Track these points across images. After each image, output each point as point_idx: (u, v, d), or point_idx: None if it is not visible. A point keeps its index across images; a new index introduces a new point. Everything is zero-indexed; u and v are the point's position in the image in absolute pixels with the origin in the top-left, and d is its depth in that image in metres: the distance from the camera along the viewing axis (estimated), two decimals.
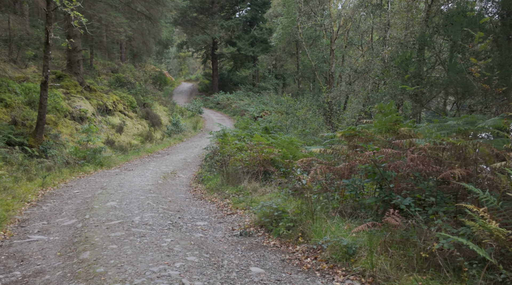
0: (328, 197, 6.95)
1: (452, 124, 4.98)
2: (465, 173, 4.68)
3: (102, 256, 5.22)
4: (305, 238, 5.99)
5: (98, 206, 8.10)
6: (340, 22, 27.22)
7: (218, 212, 8.49)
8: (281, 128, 16.73)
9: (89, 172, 13.26)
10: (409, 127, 6.44)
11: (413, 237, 4.74)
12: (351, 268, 4.92)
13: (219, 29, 45.28)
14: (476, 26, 6.81)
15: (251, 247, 6.01)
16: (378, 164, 5.58)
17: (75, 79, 21.97)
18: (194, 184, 12.56)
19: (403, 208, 4.99)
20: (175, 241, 5.92)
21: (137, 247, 5.57)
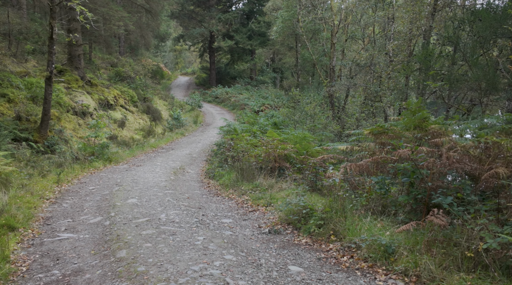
0: (356, 194, 6.95)
1: (493, 122, 4.98)
2: (509, 172, 4.68)
3: (140, 255, 5.19)
4: (338, 236, 5.99)
5: (120, 204, 8.05)
6: (341, 15, 27.17)
7: (239, 209, 8.47)
8: (288, 123, 16.70)
9: (98, 168, 13.18)
10: (439, 125, 6.43)
11: (456, 236, 4.75)
12: (392, 267, 4.91)
13: (216, 22, 45.04)
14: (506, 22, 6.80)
15: (283, 245, 6.00)
16: (418, 163, 5.57)
17: (76, 74, 21.82)
18: (206, 180, 12.52)
19: (445, 207, 4.98)
20: (208, 239, 5.90)
21: (172, 246, 5.54)
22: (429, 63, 8.35)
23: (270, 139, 11.18)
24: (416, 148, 5.49)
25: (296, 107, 17.83)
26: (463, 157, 5.22)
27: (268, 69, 42.81)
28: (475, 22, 7.60)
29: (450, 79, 7.90)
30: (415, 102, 6.66)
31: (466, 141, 5.10)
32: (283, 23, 31.08)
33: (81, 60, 22.39)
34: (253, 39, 43.83)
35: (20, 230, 6.37)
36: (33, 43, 24.09)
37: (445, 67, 8.45)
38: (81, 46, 22.70)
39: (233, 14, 45.27)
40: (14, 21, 23.55)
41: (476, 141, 5.04)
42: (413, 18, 16.59)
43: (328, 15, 27.90)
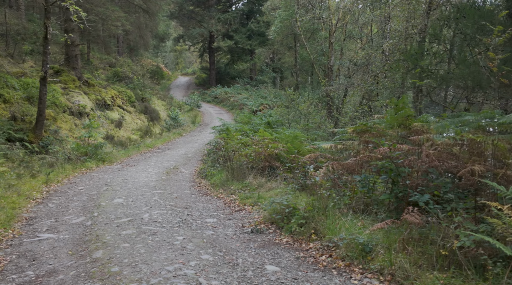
0: (339, 193, 6.90)
1: (471, 119, 4.92)
2: (485, 169, 4.62)
3: (115, 255, 5.15)
4: (318, 235, 5.94)
5: (105, 203, 8.02)
6: (339, 14, 27.08)
7: (226, 209, 8.43)
8: (283, 123, 16.65)
9: (91, 168, 13.17)
10: (422, 122, 6.38)
11: (432, 234, 4.70)
12: (368, 266, 4.87)
13: (215, 22, 44.99)
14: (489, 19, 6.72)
15: (263, 245, 5.96)
16: (395, 161, 5.52)
17: (73, 74, 21.81)
18: (198, 179, 12.49)
19: (421, 205, 4.94)
20: (187, 239, 5.86)
21: (149, 246, 5.51)
22: (416, 61, 8.29)
23: (260, 138, 11.13)
24: (394, 146, 5.44)
25: (290, 106, 17.79)
26: (442, 154, 5.16)
27: (267, 69, 42.74)
28: (460, 19, 7.55)
29: (437, 77, 7.84)
30: (400, 99, 6.61)
31: (442, 138, 5.04)
32: (282, 23, 31.03)
33: (78, 61, 22.37)
34: (252, 39, 43.77)
35: (0, 231, 6.35)
36: (31, 44, 24.09)
37: (433, 65, 8.39)
38: (78, 47, 22.67)
39: (232, 14, 45.22)
40: (12, 21, 23.58)
41: (451, 139, 4.98)
42: (409, 16, 16.52)
43: (326, 14, 27.83)
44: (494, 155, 4.81)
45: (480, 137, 4.57)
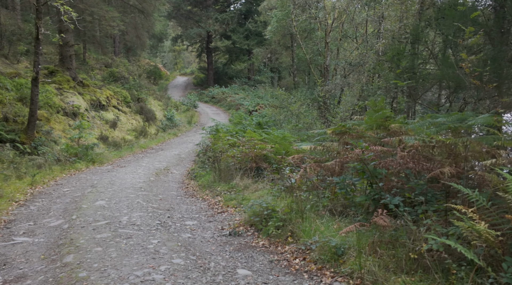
0: (319, 195, 6.85)
1: (442, 121, 4.87)
2: (455, 171, 4.57)
3: (86, 260, 5.11)
4: (295, 238, 5.90)
5: (86, 206, 7.97)
6: (335, 14, 27.01)
7: (209, 211, 8.39)
8: (275, 123, 16.59)
9: (80, 169, 13.13)
10: (400, 124, 6.33)
11: (402, 237, 4.65)
12: (340, 269, 4.82)
13: (213, 22, 44.94)
14: (468, 19, 6.67)
15: (239, 248, 5.91)
16: (367, 162, 5.47)
17: (68, 74, 21.77)
18: (187, 180, 12.45)
19: (391, 208, 4.89)
20: (162, 243, 5.81)
21: (122, 250, 5.46)
22: (399, 62, 8.23)
23: (248, 139, 11.08)
24: (366, 148, 5.39)
25: (281, 106, 17.72)
26: (416, 156, 5.11)
27: (265, 69, 42.64)
28: (439, 20, 7.49)
29: (417, 77, 7.79)
30: (378, 100, 6.55)
31: (412, 140, 4.98)
32: (278, 23, 30.91)
33: (72, 61, 22.32)
34: (250, 39, 43.70)
35: None
36: (26, 44, 24.09)
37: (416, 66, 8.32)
38: (73, 47, 22.61)
39: (230, 14, 45.16)
40: (7, 22, 23.54)
41: (421, 140, 4.92)
42: (401, 16, 16.45)
43: (321, 14, 27.75)
44: (466, 157, 4.75)
45: (449, 139, 4.51)
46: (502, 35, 6.72)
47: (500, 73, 6.44)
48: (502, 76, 6.41)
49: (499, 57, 6.53)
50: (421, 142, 4.85)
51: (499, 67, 6.45)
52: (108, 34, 31.78)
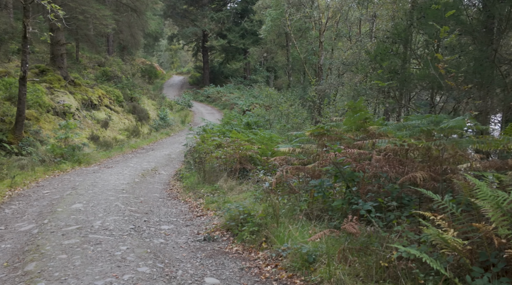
0: (297, 198, 6.67)
1: (416, 123, 4.69)
2: (428, 176, 4.39)
3: (48, 268, 4.91)
4: (269, 243, 5.71)
5: (61, 209, 7.77)
6: (329, 13, 26.81)
7: (188, 214, 8.20)
8: (265, 123, 16.40)
9: (65, 170, 12.93)
10: (379, 125, 6.15)
11: (374, 244, 4.48)
12: (310, 277, 4.63)
13: (209, 21, 44.73)
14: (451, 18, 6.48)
15: (212, 254, 5.72)
16: (340, 166, 5.29)
17: (59, 73, 21.57)
18: (173, 182, 12.26)
19: (362, 213, 4.71)
20: (131, 249, 5.62)
21: (88, 257, 5.27)
22: (381, 62, 8.04)
23: (232, 139, 10.89)
24: (339, 151, 5.21)
25: (272, 106, 17.53)
26: (389, 159, 4.93)
27: (261, 68, 42.43)
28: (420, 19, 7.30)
29: (400, 78, 7.60)
30: (357, 101, 6.37)
31: (385, 143, 4.80)
32: (272, 22, 30.70)
33: (64, 60, 22.10)
34: (246, 38, 43.52)
35: None
36: (18, 43, 23.84)
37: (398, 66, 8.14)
38: (64, 46, 22.39)
39: (225, 13, 44.95)
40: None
41: (392, 143, 4.74)
42: (393, 16, 16.27)
43: (316, 13, 27.55)
44: (441, 160, 4.57)
45: (421, 142, 4.33)
46: (486, 34, 6.54)
47: (483, 73, 6.25)
48: (484, 76, 6.23)
49: (482, 57, 6.35)
50: (393, 145, 4.66)
51: (481, 67, 6.26)
52: (101, 32, 31.56)
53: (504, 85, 6.11)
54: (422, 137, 4.73)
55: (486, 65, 6.31)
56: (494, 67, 6.16)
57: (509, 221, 3.49)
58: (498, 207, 3.49)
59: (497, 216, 3.48)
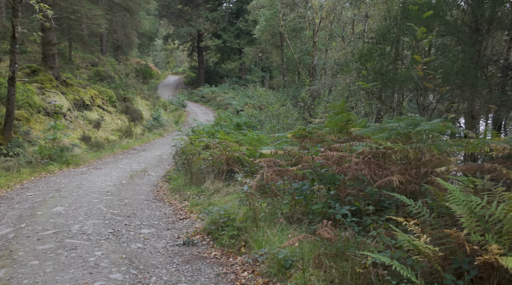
0: (279, 201, 6.56)
1: (394, 126, 4.58)
2: (404, 179, 4.28)
3: (18, 275, 4.79)
4: (248, 248, 5.60)
5: (41, 212, 7.64)
6: (323, 13, 26.70)
7: (172, 217, 8.08)
8: (256, 124, 16.28)
9: (53, 171, 12.78)
10: (361, 127, 6.04)
11: (349, 249, 4.37)
12: (286, 284, 4.53)
13: (204, 21, 44.60)
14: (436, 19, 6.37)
15: (189, 259, 5.60)
16: (317, 169, 5.18)
17: (51, 74, 21.42)
18: (162, 183, 12.14)
19: (338, 218, 4.60)
20: (106, 255, 5.49)
21: (60, 263, 5.14)
22: (365, 63, 7.93)
23: (219, 140, 10.77)
24: (316, 154, 5.10)
25: (262, 107, 17.41)
26: (368, 162, 4.82)
27: (256, 68, 42.30)
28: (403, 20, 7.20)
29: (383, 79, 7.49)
30: (339, 103, 6.26)
31: (361, 147, 4.69)
32: (267, 22, 30.59)
33: (55, 60, 21.93)
34: (241, 38, 43.41)
35: None
36: None
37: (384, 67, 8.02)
38: (56, 45, 22.22)
39: (220, 13, 44.81)
40: None
41: (368, 147, 4.63)
42: (384, 16, 16.17)
43: (309, 13, 27.45)
44: (418, 164, 4.46)
45: (397, 146, 4.23)
46: (470, 35, 6.42)
47: (466, 74, 6.14)
48: (468, 78, 6.11)
49: (465, 57, 6.24)
50: (369, 148, 4.56)
51: (464, 68, 6.15)
52: (94, 32, 31.40)
53: (488, 87, 6.00)
54: (399, 140, 4.62)
55: (470, 66, 6.20)
56: (477, 68, 6.06)
57: (482, 227, 3.40)
58: (471, 213, 3.39)
59: (470, 222, 3.38)
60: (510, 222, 3.26)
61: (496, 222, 3.36)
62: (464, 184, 3.76)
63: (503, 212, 3.30)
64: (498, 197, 3.50)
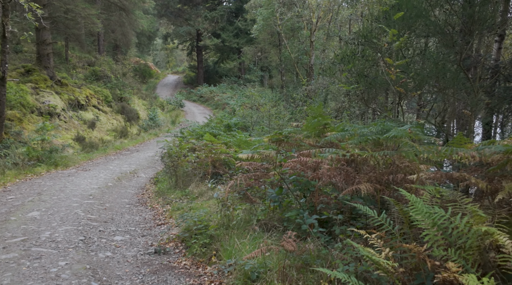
0: (255, 208, 6.35)
1: (365, 132, 4.36)
2: (372, 188, 4.06)
3: None
4: (219, 257, 5.39)
5: (15, 218, 7.44)
6: (319, 13, 26.44)
7: (150, 222, 7.87)
8: (248, 125, 16.05)
9: (39, 173, 12.59)
10: (340, 131, 5.81)
11: (316, 261, 4.16)
12: None
13: (202, 21, 44.42)
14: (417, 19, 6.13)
15: (157, 270, 5.38)
16: (285, 176, 4.97)
17: (45, 73, 21.29)
18: (149, 185, 11.95)
19: (304, 228, 4.39)
20: (69, 265, 5.27)
21: (20, 275, 4.93)
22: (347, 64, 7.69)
23: (205, 143, 10.56)
24: (284, 161, 4.89)
25: (252, 107, 17.18)
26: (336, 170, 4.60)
27: (255, 68, 42.05)
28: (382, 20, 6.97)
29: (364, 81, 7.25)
30: (317, 105, 6.04)
31: (327, 154, 4.46)
32: (264, 21, 30.34)
33: (50, 59, 21.78)
34: (240, 37, 43.19)
35: None
36: None
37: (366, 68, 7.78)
38: (51, 45, 22.06)
39: (219, 12, 44.57)
40: None
41: (334, 154, 4.41)
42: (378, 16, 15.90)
43: (306, 12, 27.20)
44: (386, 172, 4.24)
45: (365, 153, 4.01)
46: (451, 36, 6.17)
47: (445, 77, 5.89)
48: (447, 80, 5.87)
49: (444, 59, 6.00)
50: (335, 155, 4.33)
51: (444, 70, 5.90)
52: (91, 32, 31.25)
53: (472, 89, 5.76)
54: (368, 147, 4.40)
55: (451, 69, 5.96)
56: (460, 71, 5.82)
57: (446, 241, 3.18)
58: (434, 225, 3.17)
59: (433, 235, 3.16)
60: (474, 237, 3.05)
61: (460, 236, 3.15)
62: (430, 194, 3.54)
63: (467, 226, 3.08)
64: (463, 208, 3.28)
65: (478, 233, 3.01)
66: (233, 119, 16.15)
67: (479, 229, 2.92)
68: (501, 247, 3.01)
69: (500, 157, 3.38)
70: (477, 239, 3.05)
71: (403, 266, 3.35)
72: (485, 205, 3.76)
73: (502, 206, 3.47)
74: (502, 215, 3.35)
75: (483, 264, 3.15)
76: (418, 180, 4.00)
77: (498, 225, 3.29)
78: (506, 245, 2.87)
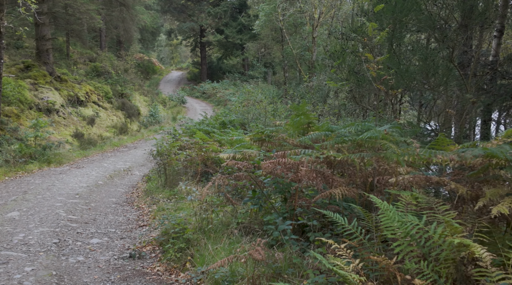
0: (236, 210, 6.07)
1: (342, 132, 4.06)
2: (348, 192, 3.77)
3: None
4: (193, 263, 5.11)
5: None
6: (322, 8, 26.04)
7: (132, 223, 7.61)
8: (245, 122, 15.76)
9: (31, 171, 12.37)
10: (324, 130, 5.51)
11: (287, 271, 3.87)
12: None
13: (206, 16, 44.15)
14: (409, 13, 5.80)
15: (128, 276, 5.11)
16: (260, 179, 4.68)
17: (44, 69, 21.12)
18: (141, 183, 11.71)
19: (276, 235, 4.10)
20: (35, 271, 5.01)
21: None
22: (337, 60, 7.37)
23: (195, 141, 10.29)
24: (258, 163, 4.60)
25: (248, 104, 16.88)
26: (312, 172, 4.31)
27: (258, 64, 41.69)
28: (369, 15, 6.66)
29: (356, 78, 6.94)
30: (301, 104, 5.73)
31: (299, 157, 4.17)
32: (266, 17, 30.00)
33: (49, 55, 21.58)
34: (243, 33, 42.85)
35: None
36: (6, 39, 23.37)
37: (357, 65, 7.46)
38: (50, 41, 21.87)
39: (223, 8, 44.25)
40: None
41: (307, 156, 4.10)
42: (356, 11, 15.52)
43: (308, 8, 26.82)
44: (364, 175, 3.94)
45: (341, 155, 3.71)
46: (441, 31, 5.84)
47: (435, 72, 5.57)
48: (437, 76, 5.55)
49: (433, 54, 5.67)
50: (308, 157, 4.04)
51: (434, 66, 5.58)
52: (93, 27, 31.09)
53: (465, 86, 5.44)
54: (344, 148, 4.11)
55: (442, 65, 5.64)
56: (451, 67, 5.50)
57: (419, 252, 2.88)
58: (406, 235, 2.87)
59: (405, 246, 2.86)
60: (449, 248, 2.75)
61: (434, 247, 2.85)
62: (405, 200, 3.24)
63: (442, 236, 2.77)
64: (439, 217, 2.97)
65: (452, 244, 2.72)
66: (229, 116, 15.87)
67: (452, 241, 2.62)
68: (477, 260, 2.71)
69: (482, 160, 3.08)
70: (452, 251, 2.76)
71: (374, 279, 3.06)
72: (468, 211, 3.45)
73: (483, 214, 3.17)
74: (482, 224, 3.05)
75: (458, 278, 2.85)
76: (399, 184, 3.70)
77: (478, 234, 2.99)
78: (484, 257, 2.57)
